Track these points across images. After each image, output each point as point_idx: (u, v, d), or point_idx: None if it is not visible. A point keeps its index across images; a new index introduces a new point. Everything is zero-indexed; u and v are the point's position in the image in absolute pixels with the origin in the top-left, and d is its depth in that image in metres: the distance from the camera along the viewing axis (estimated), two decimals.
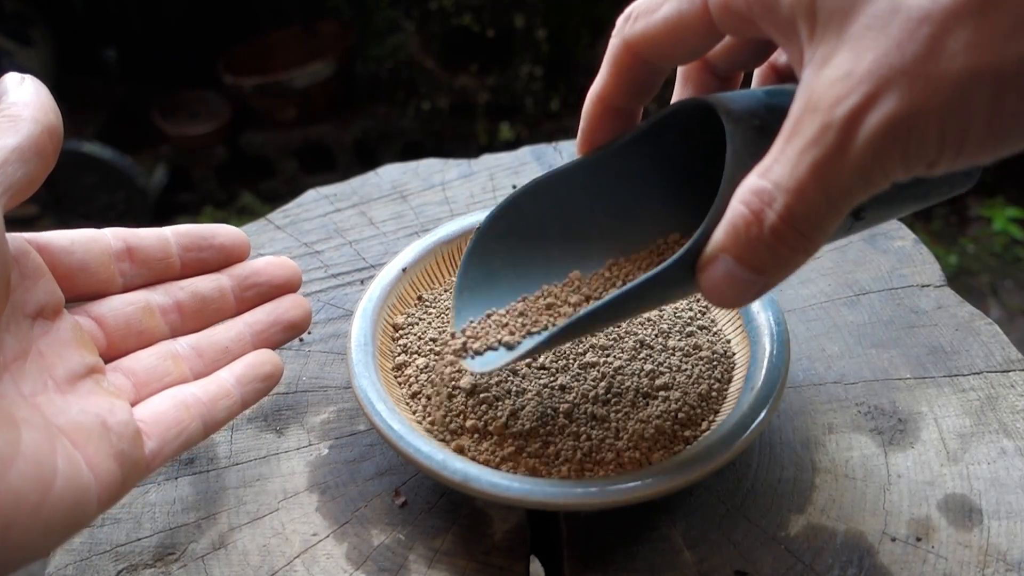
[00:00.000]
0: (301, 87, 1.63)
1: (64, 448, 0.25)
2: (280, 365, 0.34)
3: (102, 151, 1.60)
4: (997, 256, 1.45)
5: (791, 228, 0.24)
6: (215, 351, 0.33)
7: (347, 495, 0.37)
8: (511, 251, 0.36)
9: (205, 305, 0.34)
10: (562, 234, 0.37)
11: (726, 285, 0.26)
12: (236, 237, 0.35)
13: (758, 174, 0.24)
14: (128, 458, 0.27)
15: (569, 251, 0.37)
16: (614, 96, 0.31)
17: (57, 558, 0.36)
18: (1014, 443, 0.37)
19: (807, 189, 0.23)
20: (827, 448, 0.38)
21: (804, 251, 0.25)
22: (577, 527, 0.35)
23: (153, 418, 0.29)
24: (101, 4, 1.80)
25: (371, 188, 0.57)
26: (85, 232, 0.31)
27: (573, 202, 0.36)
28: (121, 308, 0.31)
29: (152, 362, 0.31)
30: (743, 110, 0.27)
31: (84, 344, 0.29)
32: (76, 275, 0.30)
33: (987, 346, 0.41)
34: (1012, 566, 0.32)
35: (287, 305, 0.35)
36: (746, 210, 0.24)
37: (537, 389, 0.38)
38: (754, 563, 0.33)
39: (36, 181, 0.26)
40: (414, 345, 0.40)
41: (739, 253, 0.25)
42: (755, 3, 0.24)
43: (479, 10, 1.57)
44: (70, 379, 0.28)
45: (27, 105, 0.26)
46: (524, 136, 1.68)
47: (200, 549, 0.36)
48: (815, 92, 0.23)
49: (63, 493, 0.24)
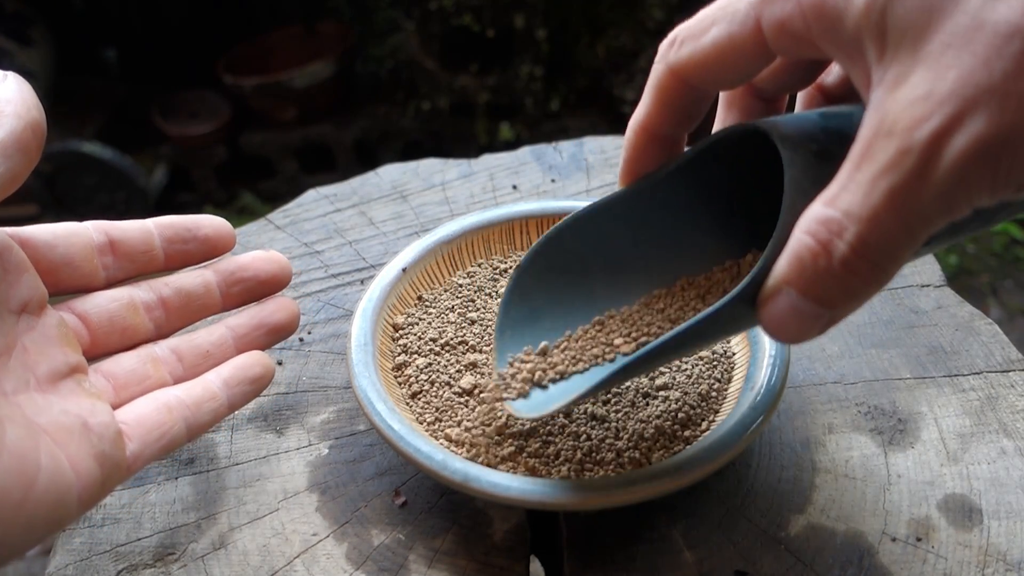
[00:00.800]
0: (301, 87, 1.63)
1: (47, 445, 0.25)
2: (271, 367, 0.33)
3: (102, 151, 1.60)
4: (997, 256, 1.45)
5: (863, 259, 0.22)
6: (195, 355, 0.32)
7: (347, 495, 0.37)
8: (553, 287, 0.35)
9: (190, 301, 0.33)
10: (605, 268, 0.35)
11: (789, 319, 0.24)
12: (220, 228, 0.34)
13: (824, 202, 0.23)
14: (109, 459, 0.27)
15: (613, 285, 0.35)
16: (658, 124, 0.30)
17: (57, 558, 0.36)
18: (1014, 443, 0.37)
19: (882, 218, 0.22)
20: (827, 448, 0.38)
21: (876, 283, 0.23)
22: (577, 527, 0.35)
23: (135, 420, 0.29)
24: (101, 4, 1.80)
25: (371, 188, 0.57)
26: (67, 226, 0.30)
27: (615, 235, 0.35)
28: (105, 305, 0.31)
29: (132, 365, 0.31)
30: (799, 134, 0.26)
31: (68, 342, 0.29)
32: (59, 270, 0.30)
33: (987, 346, 0.41)
34: (1012, 566, 0.32)
35: (271, 308, 0.34)
36: (812, 241, 0.23)
37: None
38: (754, 563, 0.33)
39: (19, 177, 0.26)
40: (414, 345, 0.40)
41: (804, 286, 0.23)
42: (815, 22, 0.23)
43: (479, 10, 1.57)
44: (52, 378, 0.28)
45: (9, 101, 0.26)
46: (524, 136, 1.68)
47: (200, 549, 0.36)
48: (889, 114, 0.21)
49: (46, 490, 0.24)
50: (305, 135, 1.71)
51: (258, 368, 0.33)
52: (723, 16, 0.26)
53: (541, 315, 0.36)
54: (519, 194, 0.55)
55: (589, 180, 0.56)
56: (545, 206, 0.46)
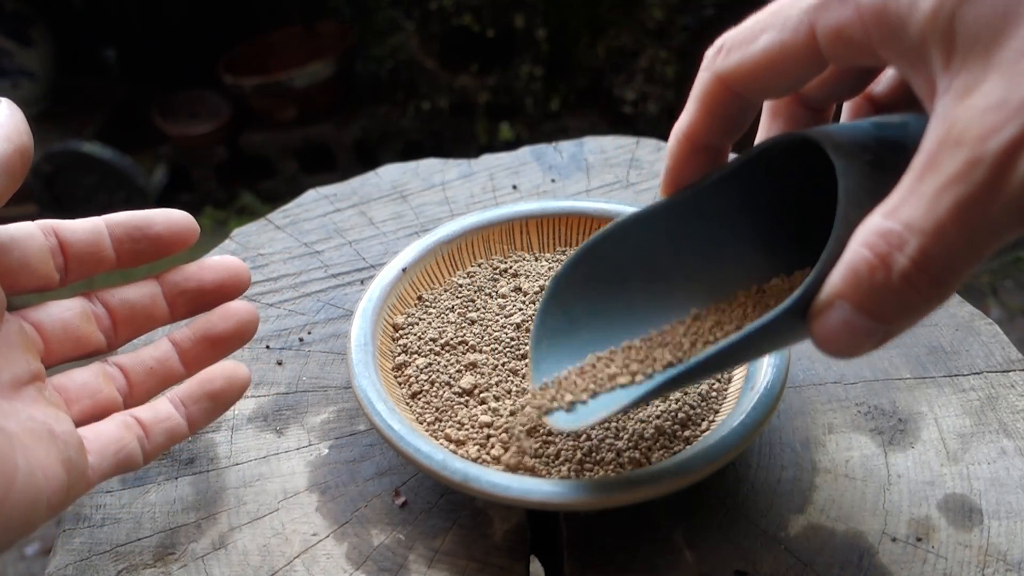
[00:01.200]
0: (301, 87, 1.63)
1: (21, 448, 0.25)
2: (238, 379, 0.32)
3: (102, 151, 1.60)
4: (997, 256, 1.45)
5: (925, 274, 0.21)
6: (140, 371, 0.32)
7: (347, 495, 0.37)
8: (591, 297, 0.35)
9: (136, 313, 0.32)
10: (644, 278, 0.34)
11: (842, 334, 0.23)
12: (175, 224, 0.32)
13: (883, 214, 0.22)
14: (75, 466, 0.27)
15: (652, 296, 0.35)
16: (702, 134, 0.29)
17: (57, 558, 0.36)
18: (1014, 443, 0.37)
19: (948, 231, 0.21)
20: (827, 448, 0.38)
21: (937, 298, 0.22)
22: (577, 527, 0.35)
23: (93, 434, 0.29)
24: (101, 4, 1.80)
25: (371, 188, 0.57)
26: (21, 227, 0.30)
27: (656, 245, 0.34)
28: (59, 314, 0.31)
29: (83, 379, 0.31)
30: (852, 144, 0.25)
31: (28, 348, 0.29)
32: (17, 273, 0.29)
33: (987, 346, 0.41)
34: (1012, 566, 0.32)
35: (215, 319, 0.33)
36: (870, 254, 0.22)
37: None
38: (754, 563, 0.33)
39: (2, 198, 0.27)
40: (414, 345, 0.40)
41: (860, 300, 0.23)
42: (875, 28, 0.22)
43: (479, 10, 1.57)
44: (15, 385, 0.28)
45: (1, 126, 0.27)
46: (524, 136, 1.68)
47: (200, 549, 0.36)
48: (958, 123, 0.20)
49: (23, 492, 0.24)
50: (305, 135, 1.71)
51: (219, 382, 0.32)
52: (774, 23, 0.25)
53: (579, 326, 0.35)
54: (519, 194, 0.55)
55: (589, 180, 0.56)
56: (545, 206, 0.46)
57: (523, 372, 0.39)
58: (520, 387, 0.38)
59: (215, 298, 0.33)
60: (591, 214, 0.46)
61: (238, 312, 0.33)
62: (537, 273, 0.44)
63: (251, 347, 0.45)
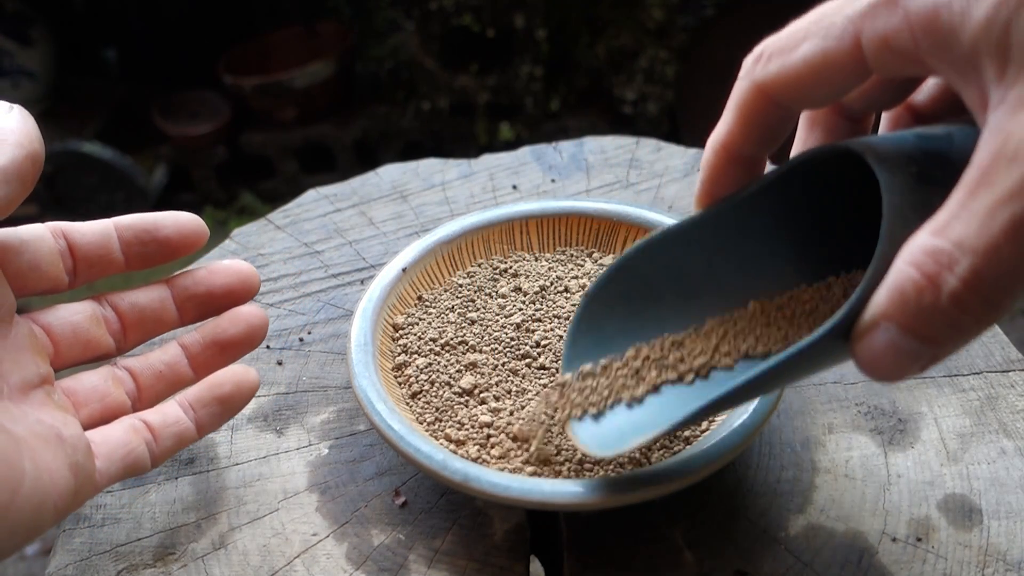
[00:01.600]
0: (301, 87, 1.63)
1: (29, 452, 0.25)
2: (247, 383, 0.32)
3: (102, 151, 1.60)
4: None
5: (976, 295, 0.21)
6: (149, 375, 0.32)
7: (347, 495, 0.37)
8: (621, 316, 0.34)
9: (145, 317, 0.32)
10: (676, 294, 0.34)
11: (887, 356, 0.23)
12: (184, 227, 0.32)
13: (932, 232, 0.21)
14: (82, 470, 0.27)
15: (684, 313, 0.34)
16: (740, 144, 0.28)
17: (57, 558, 0.36)
18: (1014, 443, 0.37)
19: (1002, 250, 0.20)
20: (827, 448, 0.38)
21: (988, 320, 0.21)
22: (577, 527, 0.35)
23: (101, 438, 0.29)
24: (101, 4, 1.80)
25: (371, 188, 0.57)
26: (30, 229, 0.30)
27: (689, 260, 0.33)
28: (68, 317, 0.31)
29: (93, 383, 0.31)
30: (897, 156, 0.25)
31: (38, 351, 0.29)
32: (27, 275, 0.29)
33: (987, 346, 0.41)
34: (1012, 566, 0.32)
35: (224, 324, 0.33)
36: (917, 274, 0.21)
37: (537, 389, 0.38)
38: (754, 563, 0.33)
39: (12, 204, 0.27)
40: (414, 345, 0.40)
41: (906, 321, 0.22)
42: (924, 38, 0.22)
43: (479, 10, 1.57)
44: (23, 388, 0.28)
45: (12, 131, 0.27)
46: (524, 136, 1.68)
47: (200, 549, 0.36)
48: (1013, 137, 0.20)
49: (30, 495, 0.24)
50: (305, 135, 1.71)
51: (228, 386, 0.32)
52: (816, 30, 0.24)
53: (610, 345, 0.34)
54: (519, 194, 0.55)
55: (589, 180, 0.56)
56: (545, 206, 0.46)
57: (523, 372, 0.39)
58: (520, 387, 0.38)
59: (224, 302, 0.33)
60: (591, 214, 0.46)
61: (248, 316, 0.33)
62: (537, 273, 0.44)
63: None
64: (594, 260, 0.45)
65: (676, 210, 0.53)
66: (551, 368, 0.39)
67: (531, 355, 0.39)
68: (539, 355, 0.39)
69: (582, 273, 0.44)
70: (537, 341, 0.40)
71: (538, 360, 0.39)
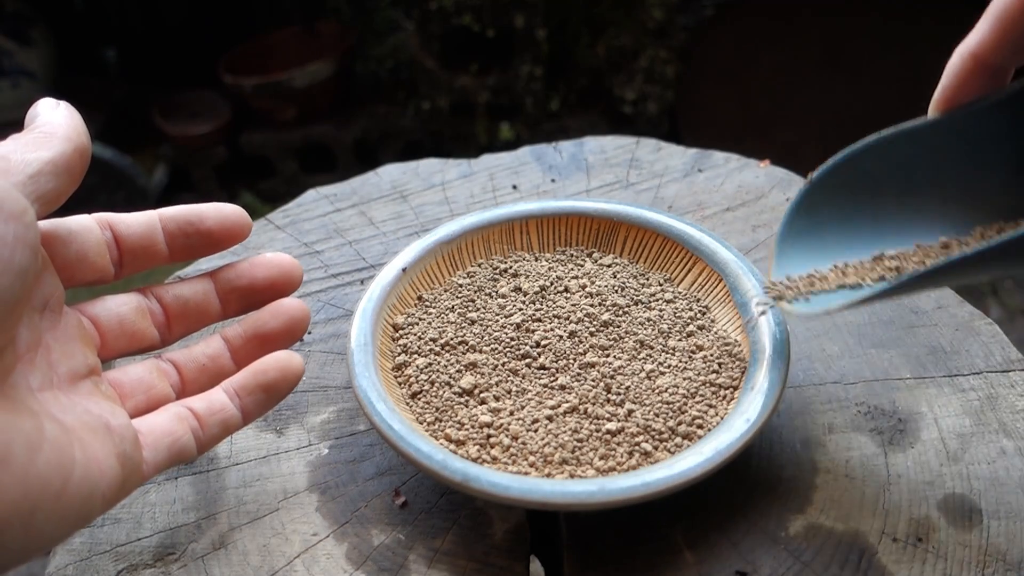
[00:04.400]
0: (301, 87, 1.63)
1: (79, 441, 0.25)
2: (292, 370, 0.32)
3: (102, 151, 1.60)
4: None
5: None
6: (193, 367, 0.32)
7: (347, 495, 0.37)
8: (840, 204, 0.35)
9: (188, 309, 0.33)
10: (898, 192, 0.35)
11: None
12: (226, 219, 0.32)
13: None
14: (130, 460, 0.27)
15: (902, 212, 0.35)
16: (991, 52, 0.28)
17: (57, 558, 0.36)
18: (1014, 443, 0.37)
19: None
20: (827, 448, 0.38)
21: None
22: (577, 527, 0.35)
23: (146, 428, 0.29)
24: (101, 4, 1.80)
25: (371, 188, 0.57)
26: (79, 220, 0.30)
27: (915, 162, 0.34)
28: (115, 308, 0.31)
29: (138, 374, 0.31)
30: None
31: (87, 342, 0.29)
32: (74, 266, 0.30)
33: (987, 346, 0.41)
34: (1012, 566, 0.32)
35: (265, 317, 0.33)
36: None
37: (537, 389, 0.38)
38: (754, 563, 0.33)
39: (62, 197, 0.27)
40: (414, 345, 0.40)
41: None
42: None
43: (479, 10, 1.57)
44: (72, 378, 0.28)
45: (60, 125, 0.27)
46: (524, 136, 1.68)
47: (200, 549, 0.36)
48: None
49: (80, 484, 0.24)
50: (305, 135, 1.71)
51: (272, 373, 0.32)
52: None
53: (825, 230, 0.36)
54: (519, 194, 0.55)
55: (589, 180, 0.56)
56: (545, 206, 0.46)
57: (523, 372, 0.39)
58: (520, 387, 0.38)
59: (267, 295, 0.34)
60: (591, 214, 0.46)
61: (289, 309, 0.33)
62: (537, 273, 0.44)
63: None
64: (594, 260, 0.45)
65: (676, 210, 0.53)
66: (551, 368, 0.39)
67: (531, 355, 0.39)
68: (539, 355, 0.39)
69: (582, 273, 0.44)
70: (537, 341, 0.40)
71: (538, 360, 0.39)
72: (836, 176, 0.35)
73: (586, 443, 0.35)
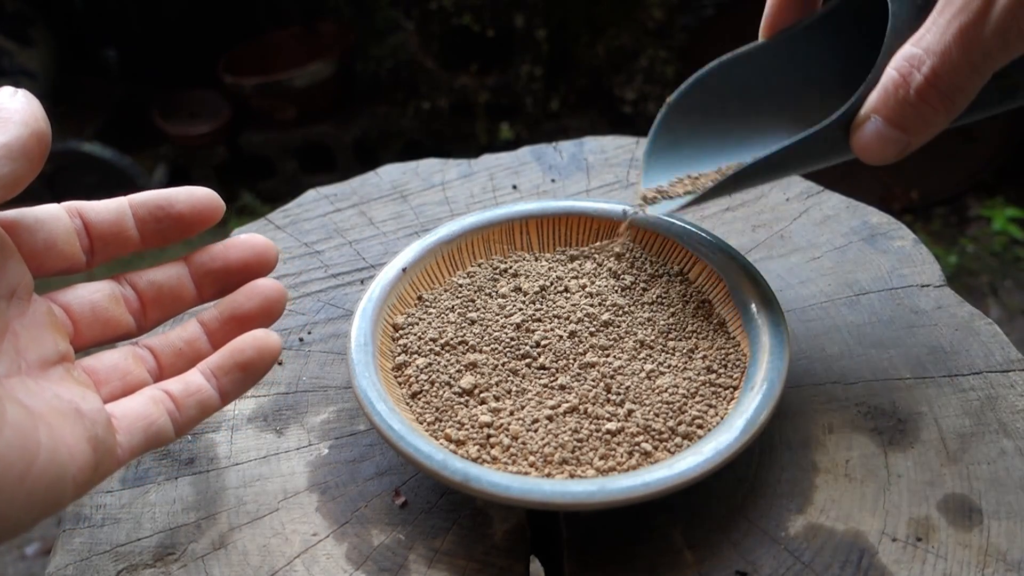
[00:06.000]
0: (301, 87, 1.63)
1: (45, 425, 0.25)
2: (268, 348, 0.31)
3: (102, 151, 1.60)
4: (997, 256, 1.45)
5: (934, 88, 0.27)
6: (169, 352, 0.32)
7: (347, 495, 0.37)
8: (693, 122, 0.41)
9: (163, 295, 0.32)
10: (742, 112, 0.41)
11: (874, 143, 0.30)
12: (198, 202, 0.32)
13: (912, 43, 0.28)
14: (102, 443, 0.27)
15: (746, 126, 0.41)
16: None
17: (57, 558, 0.36)
18: (1014, 443, 0.37)
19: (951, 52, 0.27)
20: (827, 448, 0.38)
21: (945, 112, 0.28)
22: (577, 527, 0.35)
23: (121, 412, 0.29)
24: (101, 4, 1.80)
25: (371, 188, 0.57)
26: (47, 209, 0.30)
27: (754, 83, 0.40)
28: (87, 296, 0.31)
29: (113, 360, 0.31)
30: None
31: (57, 329, 0.29)
32: (43, 254, 0.29)
33: (987, 346, 0.41)
34: (1012, 566, 0.32)
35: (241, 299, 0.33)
36: (896, 74, 0.28)
37: (537, 389, 0.38)
38: (754, 563, 0.33)
39: (21, 182, 0.27)
40: (414, 345, 0.40)
41: (888, 113, 0.29)
42: None
43: (479, 10, 1.57)
44: (42, 364, 0.28)
45: (17, 111, 0.27)
46: (524, 136, 1.68)
47: (200, 549, 0.36)
48: None
49: (45, 468, 0.24)
50: (305, 135, 1.71)
51: (249, 352, 0.31)
52: None
53: (681, 144, 0.41)
54: (519, 194, 0.55)
55: (589, 180, 0.56)
56: (545, 206, 0.46)
57: (523, 372, 0.39)
58: (520, 387, 0.38)
59: (242, 277, 0.33)
60: (591, 214, 0.46)
61: (264, 290, 0.33)
62: (537, 273, 0.44)
63: None
64: (594, 260, 0.45)
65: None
66: (551, 368, 0.39)
67: (531, 355, 0.39)
68: (539, 355, 0.39)
69: (582, 273, 0.44)
70: (537, 341, 0.40)
71: (538, 360, 0.39)
72: (689, 98, 0.40)
73: (586, 443, 0.35)
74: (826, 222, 0.50)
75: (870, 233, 0.49)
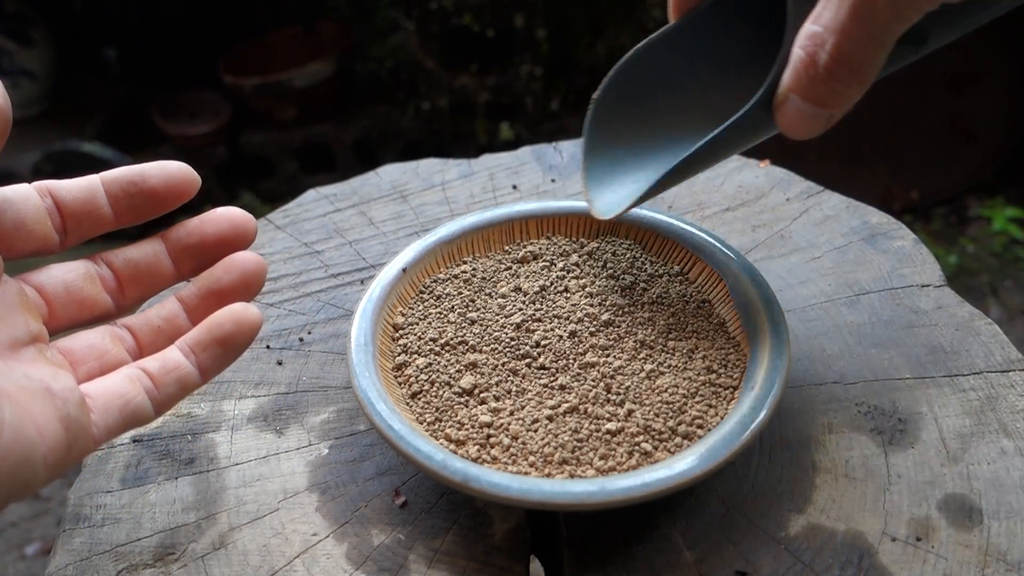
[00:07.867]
0: (301, 87, 1.63)
1: (9, 403, 0.24)
2: (248, 321, 0.30)
3: (102, 151, 1.60)
4: (997, 256, 1.45)
5: (841, 64, 0.28)
6: (148, 331, 0.31)
7: (347, 495, 0.37)
8: (626, 115, 0.41)
9: (140, 272, 0.32)
10: (669, 93, 0.41)
11: (797, 120, 0.30)
12: (171, 176, 0.31)
13: (811, 21, 0.28)
14: (74, 423, 0.26)
15: (674, 104, 0.41)
16: None
17: (57, 558, 0.36)
18: (1014, 443, 0.37)
19: (849, 28, 0.27)
20: (827, 448, 0.38)
21: (857, 83, 0.29)
22: (577, 527, 0.35)
23: (96, 391, 0.28)
24: (101, 4, 1.80)
25: (371, 188, 0.57)
26: (15, 188, 0.29)
27: (676, 66, 0.40)
28: (60, 276, 0.30)
29: (89, 340, 0.30)
30: None
31: (29, 309, 0.29)
32: (12, 235, 0.29)
33: (987, 346, 0.41)
34: (1012, 566, 0.32)
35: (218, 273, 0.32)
36: (803, 53, 0.29)
37: (537, 389, 0.38)
38: (754, 563, 0.33)
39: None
40: (414, 345, 0.40)
41: (803, 91, 0.29)
42: None
43: (479, 10, 1.57)
44: (12, 345, 0.27)
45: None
46: (524, 136, 1.68)
47: (200, 549, 0.36)
48: None
49: (9, 447, 0.24)
50: (305, 135, 1.71)
51: (228, 326, 0.30)
52: None
53: (617, 138, 0.42)
54: (519, 194, 0.55)
55: None
56: (545, 206, 0.46)
57: (523, 372, 0.39)
58: (520, 387, 0.38)
59: (219, 251, 0.32)
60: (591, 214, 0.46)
61: (242, 263, 0.32)
62: (537, 273, 0.44)
63: (251, 347, 0.45)
64: (594, 257, 0.45)
65: (676, 209, 0.53)
66: (551, 368, 0.39)
67: (531, 355, 0.39)
68: (539, 355, 0.39)
69: (582, 273, 0.44)
70: (537, 341, 0.40)
71: (538, 360, 0.39)
72: (615, 91, 0.40)
73: (586, 443, 0.35)
74: (826, 222, 0.50)
75: (870, 233, 0.49)
